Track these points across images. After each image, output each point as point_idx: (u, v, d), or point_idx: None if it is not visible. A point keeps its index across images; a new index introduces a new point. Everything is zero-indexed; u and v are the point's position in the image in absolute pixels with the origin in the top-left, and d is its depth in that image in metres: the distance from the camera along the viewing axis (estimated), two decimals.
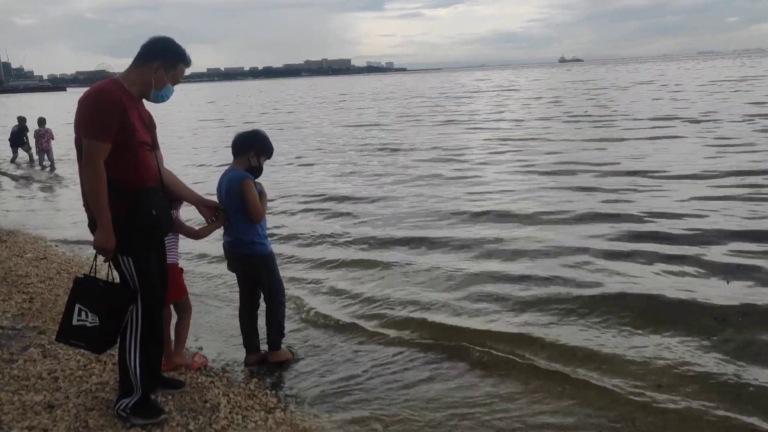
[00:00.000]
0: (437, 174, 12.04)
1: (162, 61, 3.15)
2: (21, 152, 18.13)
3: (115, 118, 2.96)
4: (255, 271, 4.15)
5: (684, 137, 15.07)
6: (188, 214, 4.21)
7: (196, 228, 3.99)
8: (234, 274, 4.36)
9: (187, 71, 3.43)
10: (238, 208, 3.95)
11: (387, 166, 13.64)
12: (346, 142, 18.86)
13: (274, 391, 3.95)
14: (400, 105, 36.69)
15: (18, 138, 17.83)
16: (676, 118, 19.20)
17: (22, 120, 17.89)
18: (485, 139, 17.28)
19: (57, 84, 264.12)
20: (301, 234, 8.13)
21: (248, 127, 4.57)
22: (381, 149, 16.51)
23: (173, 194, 3.50)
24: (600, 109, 24.71)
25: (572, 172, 11.38)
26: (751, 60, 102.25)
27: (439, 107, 32.45)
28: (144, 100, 3.26)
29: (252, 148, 4.04)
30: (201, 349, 4.57)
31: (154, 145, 3.26)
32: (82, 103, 3.01)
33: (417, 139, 18.03)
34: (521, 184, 10.68)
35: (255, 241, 4.05)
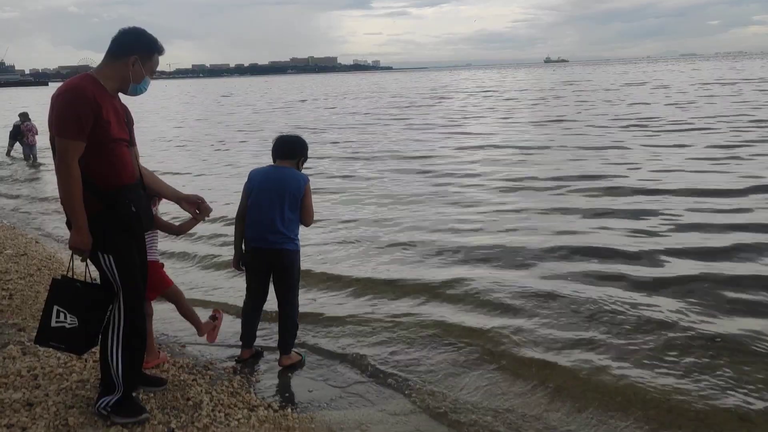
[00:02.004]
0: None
1: (138, 55, 3.09)
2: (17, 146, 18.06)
3: (89, 117, 2.89)
4: (288, 266, 4.13)
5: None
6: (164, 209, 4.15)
7: (176, 224, 3.94)
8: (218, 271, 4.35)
9: (172, 67, 3.39)
10: (289, 201, 4.00)
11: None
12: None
13: (257, 390, 3.94)
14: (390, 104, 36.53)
15: (18, 132, 17.69)
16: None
17: (24, 115, 17.70)
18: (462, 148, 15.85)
19: (39, 79, 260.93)
20: None
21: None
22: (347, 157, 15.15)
23: (151, 191, 3.44)
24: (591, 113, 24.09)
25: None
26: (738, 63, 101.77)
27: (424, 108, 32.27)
28: (120, 94, 3.19)
29: (302, 153, 4.19)
30: (184, 346, 4.54)
31: (131, 141, 3.20)
32: (55, 102, 2.93)
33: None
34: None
35: (295, 237, 4.12)
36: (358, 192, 10.73)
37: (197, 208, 3.67)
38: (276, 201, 4.02)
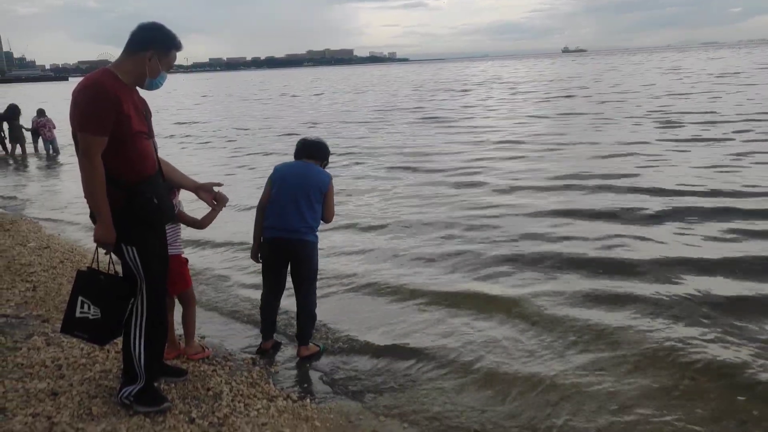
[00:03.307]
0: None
1: (155, 50, 3.12)
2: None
3: (110, 112, 2.93)
4: (307, 258, 4.19)
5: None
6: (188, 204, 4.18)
7: (199, 217, 3.96)
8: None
9: (189, 61, 3.40)
10: (313, 194, 4.12)
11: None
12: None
13: (276, 380, 3.98)
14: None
15: (35, 128, 18.02)
16: None
17: (40, 112, 17.99)
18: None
19: (59, 74, 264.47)
20: None
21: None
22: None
23: (169, 182, 3.48)
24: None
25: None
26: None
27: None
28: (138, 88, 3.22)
29: (324, 156, 4.38)
30: (203, 338, 4.59)
31: (150, 133, 3.23)
32: (77, 98, 2.98)
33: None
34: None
35: (316, 230, 4.20)
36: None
37: (214, 197, 3.71)
38: (301, 193, 4.10)
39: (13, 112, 17.61)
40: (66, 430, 3.04)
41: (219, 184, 3.77)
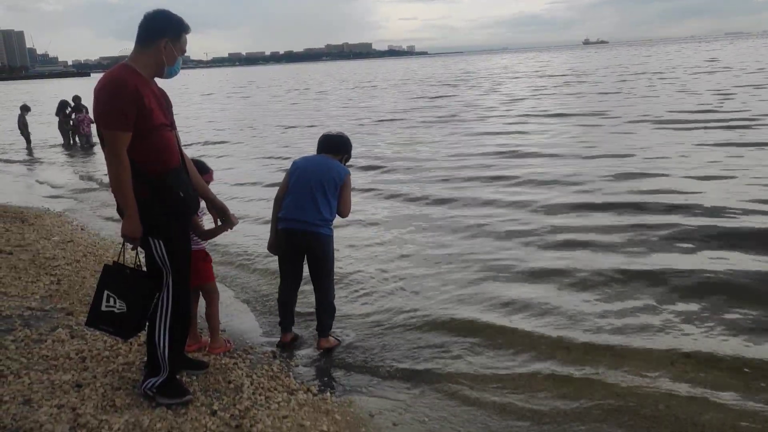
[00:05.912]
0: None
1: (168, 38, 3.12)
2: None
3: (132, 107, 2.95)
4: (324, 250, 4.21)
5: None
6: None
7: (204, 228, 3.86)
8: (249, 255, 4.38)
9: (209, 56, 3.38)
10: (329, 187, 4.13)
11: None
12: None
13: (296, 373, 4.00)
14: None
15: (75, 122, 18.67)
16: None
17: (76, 107, 18.48)
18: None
19: (81, 70, 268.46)
20: None
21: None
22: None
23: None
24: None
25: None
26: None
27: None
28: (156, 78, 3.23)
29: (346, 150, 4.36)
30: (224, 331, 4.62)
31: (172, 125, 3.24)
32: (98, 95, 3.01)
33: None
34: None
35: (330, 222, 4.21)
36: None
37: (221, 216, 3.62)
38: (318, 185, 4.11)
39: (60, 107, 18.68)
40: (90, 422, 3.08)
41: (229, 215, 3.61)
